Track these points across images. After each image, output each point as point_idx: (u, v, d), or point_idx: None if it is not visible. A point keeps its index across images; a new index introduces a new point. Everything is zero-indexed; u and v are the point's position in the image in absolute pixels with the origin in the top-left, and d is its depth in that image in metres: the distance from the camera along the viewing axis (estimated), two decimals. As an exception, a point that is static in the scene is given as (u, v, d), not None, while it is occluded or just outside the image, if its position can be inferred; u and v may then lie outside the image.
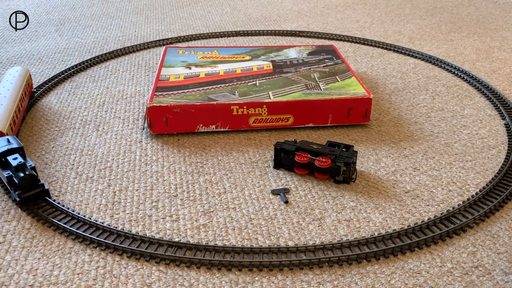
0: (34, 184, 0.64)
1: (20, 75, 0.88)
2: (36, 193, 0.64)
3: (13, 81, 0.85)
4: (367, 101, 0.82)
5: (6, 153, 0.66)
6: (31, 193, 0.64)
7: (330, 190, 0.68)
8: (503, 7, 1.54)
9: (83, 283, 0.53)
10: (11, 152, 0.66)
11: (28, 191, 0.64)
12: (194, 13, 1.51)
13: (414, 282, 0.53)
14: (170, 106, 0.79)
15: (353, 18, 1.44)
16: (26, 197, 0.64)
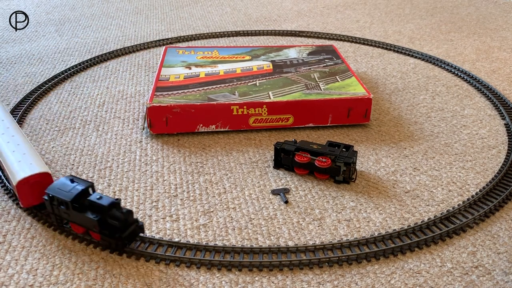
0: (132, 221, 0.57)
1: (3, 110, 0.76)
2: (133, 231, 0.57)
3: (4, 118, 0.73)
4: (367, 101, 0.82)
5: (81, 194, 0.57)
6: (130, 231, 0.56)
7: (330, 190, 0.68)
8: (503, 7, 1.54)
9: (83, 283, 0.53)
10: (85, 192, 0.57)
11: (127, 230, 0.56)
12: (194, 13, 1.51)
13: (414, 282, 0.53)
14: (170, 106, 0.79)
15: (353, 18, 1.44)
16: (128, 237, 0.56)
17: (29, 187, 0.60)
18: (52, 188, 0.58)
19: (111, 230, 0.55)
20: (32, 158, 0.63)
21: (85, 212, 0.56)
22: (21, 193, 0.61)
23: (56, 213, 0.58)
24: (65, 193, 0.57)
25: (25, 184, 0.60)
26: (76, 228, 0.58)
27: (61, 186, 0.57)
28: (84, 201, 0.57)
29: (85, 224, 0.56)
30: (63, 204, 0.57)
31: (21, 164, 0.62)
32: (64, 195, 0.56)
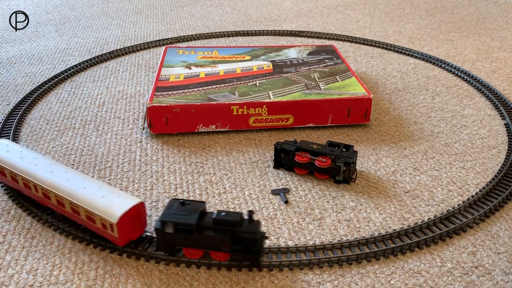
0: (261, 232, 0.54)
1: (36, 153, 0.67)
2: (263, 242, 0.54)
3: (38, 156, 0.64)
4: (367, 101, 0.82)
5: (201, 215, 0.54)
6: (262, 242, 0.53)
7: (330, 190, 0.68)
8: (503, 7, 1.54)
9: (83, 283, 0.53)
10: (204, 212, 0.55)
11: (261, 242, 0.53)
12: (194, 13, 1.51)
13: (414, 282, 0.53)
14: (170, 106, 0.79)
15: (353, 18, 1.44)
16: (262, 249, 0.54)
17: (130, 221, 0.55)
18: (167, 215, 0.53)
19: (245, 245, 0.53)
20: (114, 191, 0.57)
21: (211, 232, 0.53)
22: (121, 230, 0.54)
23: (169, 241, 0.54)
24: (185, 216, 0.53)
25: (127, 219, 0.55)
26: (192, 253, 0.55)
27: (175, 211, 0.54)
28: (205, 221, 0.53)
29: (211, 244, 0.53)
30: (184, 229, 0.53)
31: (108, 199, 0.56)
32: (186, 219, 0.52)
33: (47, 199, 0.60)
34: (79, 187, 0.58)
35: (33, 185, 0.61)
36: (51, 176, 0.60)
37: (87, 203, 0.56)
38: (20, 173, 0.61)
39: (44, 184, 0.59)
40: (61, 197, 0.58)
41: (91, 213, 0.56)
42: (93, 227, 0.57)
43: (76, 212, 0.58)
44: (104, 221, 0.55)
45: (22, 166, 0.62)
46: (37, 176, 0.60)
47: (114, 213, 0.54)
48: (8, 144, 0.66)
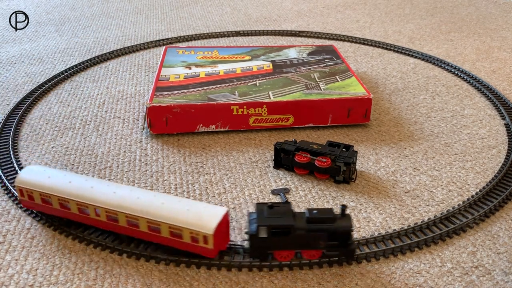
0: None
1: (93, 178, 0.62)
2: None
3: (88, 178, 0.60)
4: (367, 101, 0.82)
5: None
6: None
7: (330, 190, 0.68)
8: (503, 7, 1.54)
9: (83, 283, 0.53)
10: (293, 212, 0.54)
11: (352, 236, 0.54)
12: (194, 13, 1.51)
13: (414, 282, 0.53)
14: (170, 106, 0.79)
15: (353, 18, 1.44)
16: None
17: (222, 231, 0.54)
18: (262, 220, 0.52)
19: (341, 240, 0.53)
20: (194, 202, 0.55)
21: (306, 232, 0.52)
22: (216, 241, 0.53)
23: (264, 246, 0.53)
24: (281, 219, 0.52)
25: (220, 229, 0.53)
26: (284, 256, 0.54)
27: (268, 215, 0.53)
28: (300, 221, 0.53)
29: (306, 243, 0.53)
30: (280, 232, 0.52)
31: (195, 211, 0.54)
32: (283, 221, 0.52)
33: (112, 222, 0.56)
34: (155, 203, 0.55)
35: (93, 209, 0.56)
36: (117, 197, 0.56)
37: (172, 218, 0.53)
38: (76, 198, 0.57)
39: (110, 206, 0.55)
40: (134, 217, 0.55)
41: (178, 228, 0.53)
42: (178, 243, 0.54)
43: (155, 231, 0.55)
44: (195, 234, 0.52)
45: (76, 190, 0.57)
46: (99, 199, 0.56)
47: (208, 225, 0.52)
48: (45, 169, 0.61)
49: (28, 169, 0.61)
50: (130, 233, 0.57)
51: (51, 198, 0.58)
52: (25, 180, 0.60)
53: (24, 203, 0.61)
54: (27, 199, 0.60)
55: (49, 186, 0.58)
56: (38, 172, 0.60)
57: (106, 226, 0.57)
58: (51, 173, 0.60)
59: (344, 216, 0.54)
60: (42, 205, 0.60)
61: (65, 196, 0.57)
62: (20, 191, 0.60)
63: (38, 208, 0.60)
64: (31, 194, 0.59)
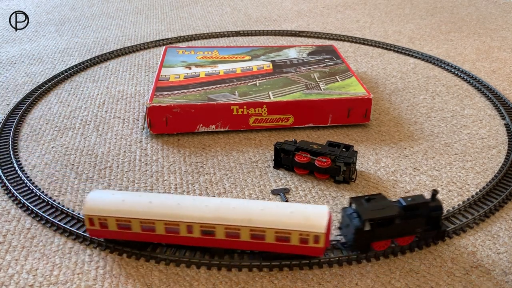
0: None
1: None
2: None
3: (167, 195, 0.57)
4: (367, 101, 0.82)
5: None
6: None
7: (330, 190, 0.68)
8: (503, 7, 1.54)
9: (83, 283, 0.53)
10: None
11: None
12: (194, 13, 1.51)
13: (414, 282, 0.53)
14: (170, 106, 0.79)
15: (353, 18, 1.44)
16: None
17: (328, 230, 0.53)
18: (366, 213, 0.53)
19: (434, 223, 0.56)
20: (292, 204, 0.55)
21: (405, 219, 0.54)
22: (326, 240, 0.53)
23: (366, 238, 0.54)
24: (383, 210, 0.53)
25: (328, 228, 0.53)
26: (381, 245, 0.55)
27: (370, 208, 0.54)
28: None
29: (403, 231, 0.55)
30: (383, 223, 0.53)
31: (300, 213, 0.53)
32: (388, 212, 0.53)
33: (207, 237, 0.54)
34: (255, 211, 0.53)
35: (185, 227, 0.53)
36: (211, 209, 0.53)
37: (279, 223, 0.52)
38: (164, 218, 0.53)
39: (206, 220, 0.53)
40: (235, 227, 0.53)
41: (286, 232, 0.52)
42: (284, 247, 0.53)
43: (258, 238, 0.53)
44: (305, 235, 0.52)
45: (162, 210, 0.54)
46: (193, 215, 0.53)
47: (319, 224, 0.52)
48: (112, 193, 0.56)
49: (93, 195, 0.56)
50: (228, 245, 0.54)
51: (131, 222, 0.54)
52: (95, 207, 0.54)
53: (94, 232, 0.56)
54: (99, 228, 0.55)
55: (128, 210, 0.54)
56: (105, 196, 0.56)
57: (199, 242, 0.54)
58: (122, 196, 0.55)
59: (434, 200, 0.56)
60: (117, 232, 0.55)
61: (150, 218, 0.54)
62: (90, 220, 0.55)
63: (112, 235, 0.55)
64: (105, 221, 0.54)
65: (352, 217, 0.54)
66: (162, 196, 0.56)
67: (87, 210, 0.54)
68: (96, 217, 0.54)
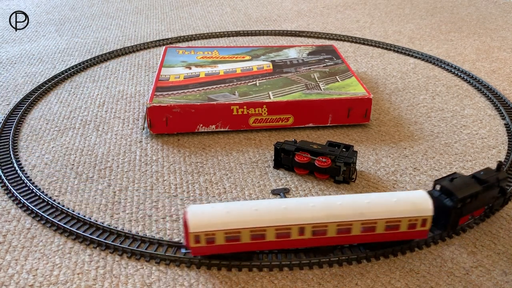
0: None
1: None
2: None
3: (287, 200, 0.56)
4: (367, 101, 0.82)
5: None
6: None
7: (330, 190, 0.68)
8: (503, 7, 1.54)
9: (83, 283, 0.53)
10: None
11: None
12: (194, 13, 1.51)
13: (414, 282, 0.53)
14: (170, 106, 0.79)
15: (353, 18, 1.44)
16: None
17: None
18: (456, 192, 0.55)
19: (502, 192, 0.61)
20: (391, 193, 0.56)
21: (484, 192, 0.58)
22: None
23: (457, 217, 0.56)
24: (469, 187, 0.57)
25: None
26: (464, 220, 0.58)
27: (456, 187, 0.56)
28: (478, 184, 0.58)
29: (482, 203, 0.59)
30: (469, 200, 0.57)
31: (405, 200, 0.55)
32: (473, 189, 0.57)
33: (318, 236, 0.54)
34: (363, 204, 0.54)
35: (297, 230, 0.53)
36: (319, 209, 0.53)
37: (390, 213, 0.54)
38: (276, 223, 0.52)
39: (319, 220, 0.53)
40: (348, 223, 0.53)
41: (397, 220, 0.54)
42: (393, 235, 0.55)
43: (369, 230, 0.54)
44: (414, 220, 0.54)
45: (273, 216, 0.53)
46: (305, 216, 0.53)
47: (426, 208, 0.54)
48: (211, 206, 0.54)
49: (193, 211, 0.53)
50: (338, 241, 0.55)
51: (240, 233, 0.52)
52: (202, 223, 0.52)
53: (198, 250, 0.53)
54: (205, 245, 0.53)
55: (237, 221, 0.52)
56: (207, 211, 0.53)
57: (310, 243, 0.54)
58: (224, 208, 0.53)
59: (499, 170, 0.60)
60: (225, 245, 0.53)
61: (261, 226, 0.52)
62: (196, 238, 0.52)
63: (218, 250, 0.53)
64: (212, 236, 0.52)
65: (441, 198, 0.56)
66: (264, 202, 0.54)
67: (194, 228, 0.52)
68: (203, 233, 0.52)
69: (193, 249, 0.53)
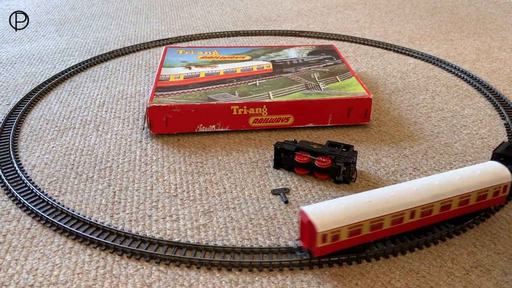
0: None
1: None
2: None
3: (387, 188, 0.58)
4: (367, 101, 0.82)
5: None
6: None
7: (330, 190, 0.68)
8: (503, 7, 1.54)
9: (83, 283, 0.53)
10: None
11: None
12: (194, 13, 1.51)
13: (414, 282, 0.53)
14: (170, 106, 0.79)
15: (353, 18, 1.44)
16: None
17: None
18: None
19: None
20: (471, 167, 0.61)
21: None
22: None
23: None
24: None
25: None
26: None
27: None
28: None
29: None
30: None
31: (485, 170, 0.60)
32: None
33: (425, 217, 0.57)
34: (455, 180, 0.59)
35: (410, 213, 0.56)
36: (425, 191, 0.57)
37: (481, 184, 0.59)
38: (393, 210, 0.55)
39: (428, 201, 0.56)
40: (449, 200, 0.58)
41: (486, 190, 0.59)
42: (481, 204, 0.60)
43: (464, 203, 0.59)
44: (498, 187, 0.60)
45: (388, 204, 0.55)
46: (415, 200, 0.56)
47: (506, 175, 0.60)
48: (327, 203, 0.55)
49: (312, 211, 0.53)
50: (440, 218, 0.59)
51: (362, 226, 0.54)
52: (329, 221, 0.53)
53: (323, 249, 0.53)
54: (330, 243, 0.53)
55: (358, 214, 0.54)
56: (326, 209, 0.54)
57: (418, 224, 0.58)
58: (339, 203, 0.55)
59: None
60: (348, 241, 0.54)
61: (380, 215, 0.55)
62: (323, 237, 0.52)
63: (341, 246, 0.54)
64: (338, 233, 0.53)
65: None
66: (372, 193, 0.57)
67: (322, 227, 0.52)
68: (329, 232, 0.52)
69: (319, 249, 0.53)
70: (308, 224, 0.53)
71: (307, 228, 0.53)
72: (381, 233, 0.56)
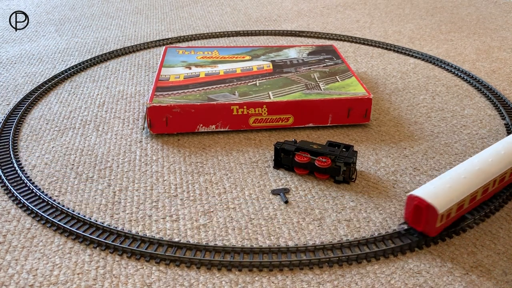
0: None
1: None
2: None
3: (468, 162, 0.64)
4: (367, 101, 0.82)
5: None
6: None
7: (330, 190, 0.68)
8: (503, 7, 1.54)
9: (83, 283, 0.53)
10: None
11: None
12: (194, 13, 1.51)
13: (414, 282, 0.53)
14: (170, 106, 0.79)
15: (353, 18, 1.44)
16: None
17: None
18: None
19: None
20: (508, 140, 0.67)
21: None
22: None
23: None
24: None
25: None
26: None
27: None
28: None
29: None
30: None
31: None
32: None
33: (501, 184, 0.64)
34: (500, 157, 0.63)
35: (493, 183, 0.62)
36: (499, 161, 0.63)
37: None
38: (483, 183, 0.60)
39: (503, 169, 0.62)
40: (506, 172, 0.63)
41: None
42: None
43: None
44: None
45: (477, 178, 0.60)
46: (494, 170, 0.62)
47: None
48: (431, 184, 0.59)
49: (428, 195, 0.57)
50: (507, 183, 0.65)
51: (465, 201, 0.59)
52: (445, 201, 0.56)
53: (438, 229, 0.57)
54: (444, 221, 0.57)
55: (462, 191, 0.58)
56: (434, 191, 0.58)
57: (495, 191, 0.64)
58: (442, 184, 0.59)
59: None
60: (454, 217, 0.59)
61: (476, 189, 0.60)
62: (441, 217, 0.56)
63: (449, 223, 0.58)
64: (450, 211, 0.57)
65: None
66: (460, 169, 0.61)
67: (442, 208, 0.56)
68: (446, 211, 0.57)
69: (436, 229, 0.57)
70: (426, 207, 0.56)
71: (424, 211, 0.56)
72: (475, 204, 0.61)
